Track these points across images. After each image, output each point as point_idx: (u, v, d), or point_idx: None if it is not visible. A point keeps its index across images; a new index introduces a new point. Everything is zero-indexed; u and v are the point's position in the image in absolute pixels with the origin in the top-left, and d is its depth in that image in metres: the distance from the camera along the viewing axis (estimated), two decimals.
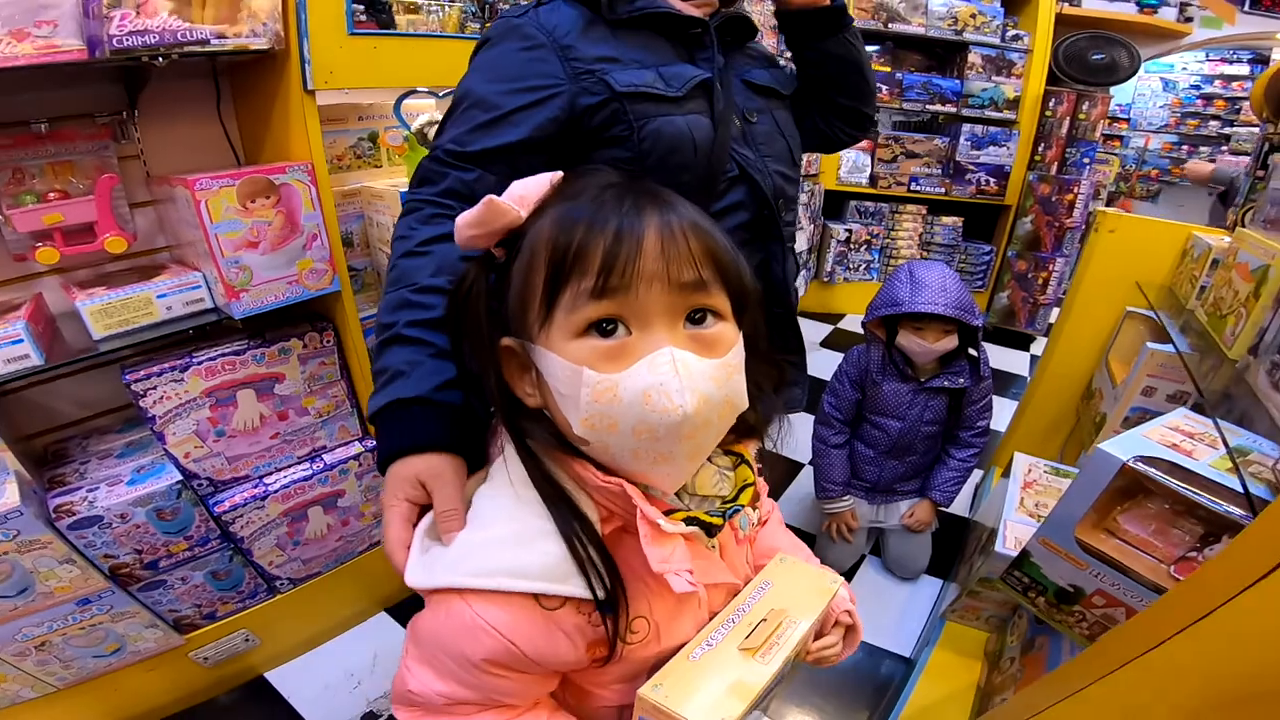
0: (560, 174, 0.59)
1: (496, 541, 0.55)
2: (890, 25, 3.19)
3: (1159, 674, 0.71)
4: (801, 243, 3.32)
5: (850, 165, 3.47)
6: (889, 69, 3.34)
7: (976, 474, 2.26)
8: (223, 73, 1.32)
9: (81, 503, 1.14)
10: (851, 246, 3.58)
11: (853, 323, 3.67)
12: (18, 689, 1.20)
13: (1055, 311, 3.61)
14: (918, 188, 3.50)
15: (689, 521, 0.56)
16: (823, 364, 2.94)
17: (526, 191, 0.57)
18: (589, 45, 0.86)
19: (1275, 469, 0.83)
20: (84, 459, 1.27)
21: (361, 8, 1.23)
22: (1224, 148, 6.14)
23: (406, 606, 1.72)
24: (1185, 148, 6.64)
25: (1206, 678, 0.67)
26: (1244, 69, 6.25)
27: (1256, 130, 3.05)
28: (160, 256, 1.33)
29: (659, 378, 0.49)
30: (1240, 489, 0.83)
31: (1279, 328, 1.03)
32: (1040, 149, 3.42)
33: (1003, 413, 2.29)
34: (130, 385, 1.16)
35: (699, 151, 0.90)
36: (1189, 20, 3.70)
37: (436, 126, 1.34)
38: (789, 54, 1.11)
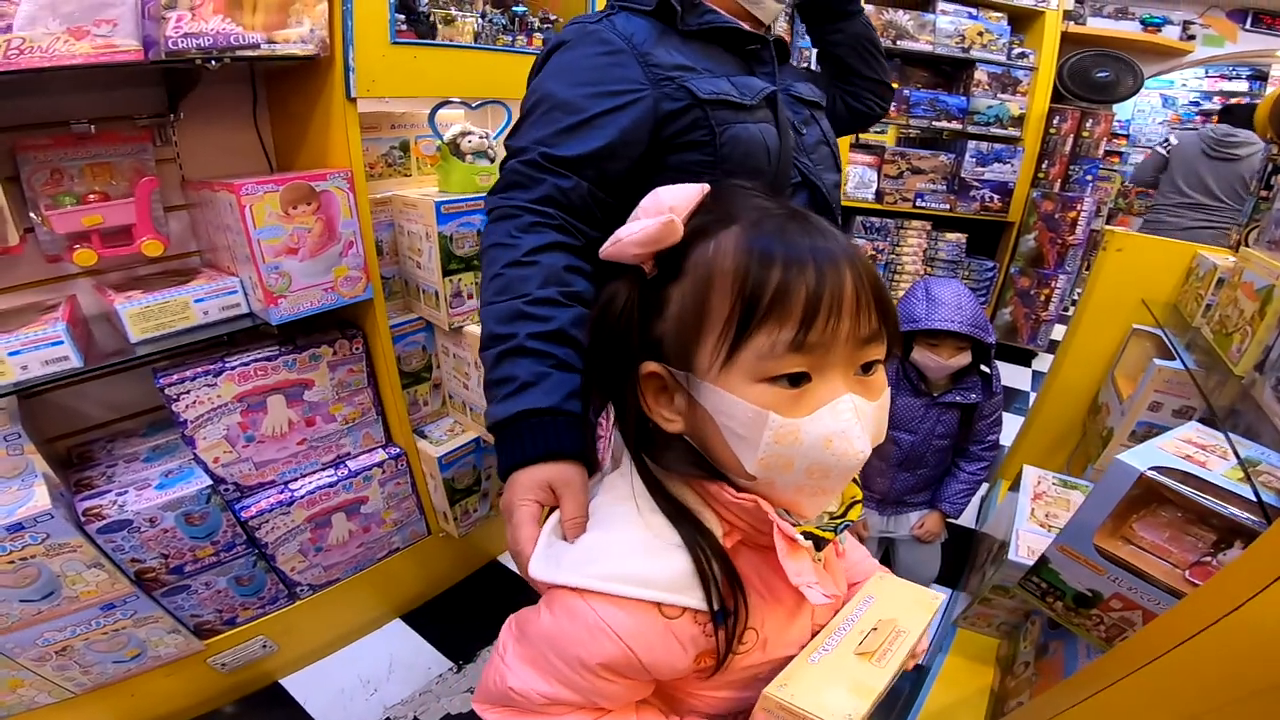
0: (708, 187, 0.58)
1: (623, 549, 0.58)
2: (898, 42, 3.28)
3: (1179, 672, 0.77)
4: None
5: (857, 181, 3.56)
6: (896, 85, 3.44)
7: (983, 487, 2.33)
8: (260, 80, 1.37)
9: (111, 506, 1.17)
10: None
11: None
12: (34, 694, 1.22)
13: (1057, 328, 3.70)
14: (923, 204, 3.58)
15: (805, 536, 0.58)
16: None
17: (677, 203, 0.56)
18: (665, 54, 0.90)
19: None
20: (110, 462, 1.30)
21: (402, 18, 1.28)
22: None
23: (423, 614, 1.76)
24: None
25: (1225, 674, 0.73)
26: (1243, 85, 6.43)
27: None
28: (191, 261, 1.38)
29: (842, 425, 0.52)
30: (1253, 497, 0.90)
31: None
32: (1044, 166, 3.53)
33: (1008, 428, 2.37)
34: (164, 389, 1.20)
35: (771, 158, 0.96)
36: (1191, 38, 3.85)
37: (468, 135, 1.41)
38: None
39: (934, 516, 1.90)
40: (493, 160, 1.43)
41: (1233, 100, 6.07)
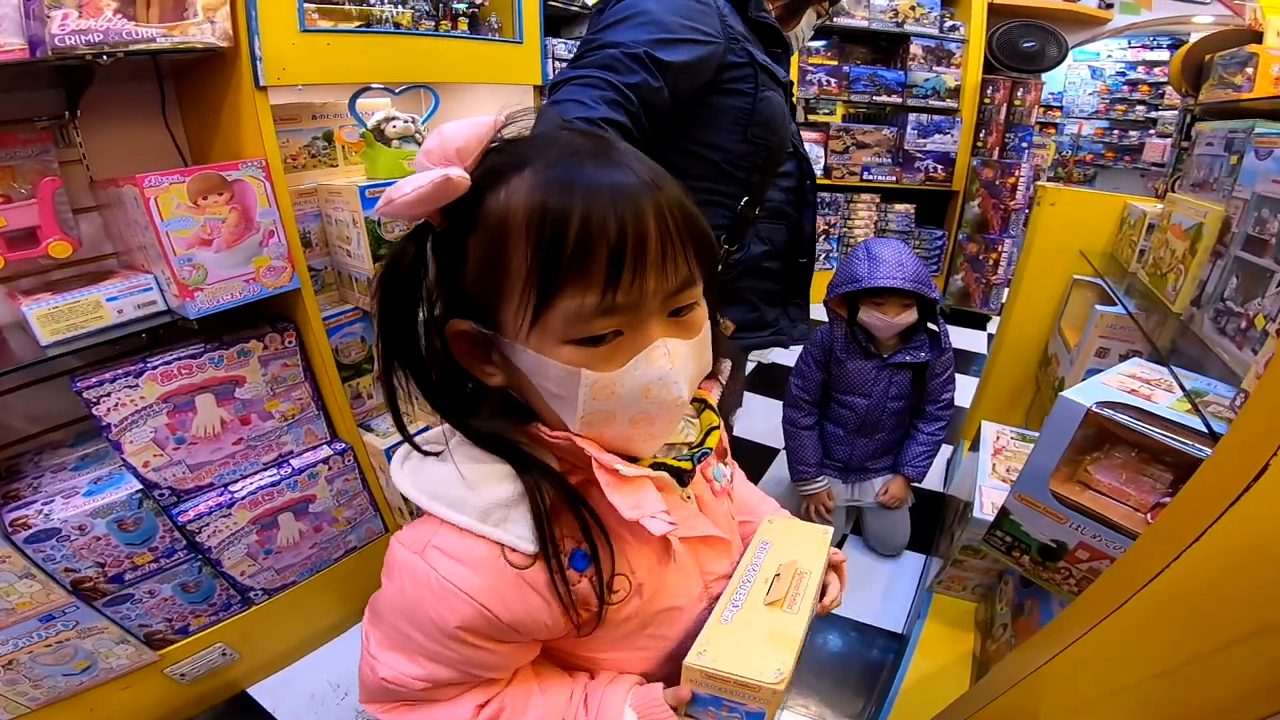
0: (503, 119, 0.50)
1: (447, 473, 0.52)
2: (835, 20, 3.21)
3: (1149, 616, 0.68)
4: None
5: None
6: (836, 62, 3.38)
7: (947, 449, 2.27)
8: (167, 75, 1.26)
9: (37, 516, 1.07)
10: None
11: (815, 311, 3.68)
12: None
13: (1008, 291, 3.68)
14: (870, 177, 3.53)
15: (656, 467, 0.54)
16: (788, 349, 2.93)
17: (466, 144, 0.46)
18: (736, 23, 1.10)
19: (1234, 406, 0.83)
20: (37, 474, 1.18)
21: (313, 7, 1.18)
22: (1151, 130, 6.35)
23: None
24: (1116, 132, 6.84)
25: (1196, 613, 0.64)
26: (1164, 54, 6.43)
27: (1177, 109, 3.17)
28: (108, 263, 1.26)
29: (657, 371, 0.48)
30: (1203, 428, 0.83)
31: (1218, 279, 1.05)
32: (982, 135, 3.50)
33: (965, 390, 2.31)
34: (81, 393, 1.08)
35: (785, 125, 1.19)
36: (1109, 7, 3.80)
37: (393, 120, 1.31)
38: None
39: (897, 481, 1.84)
40: (420, 144, 1.33)
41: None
